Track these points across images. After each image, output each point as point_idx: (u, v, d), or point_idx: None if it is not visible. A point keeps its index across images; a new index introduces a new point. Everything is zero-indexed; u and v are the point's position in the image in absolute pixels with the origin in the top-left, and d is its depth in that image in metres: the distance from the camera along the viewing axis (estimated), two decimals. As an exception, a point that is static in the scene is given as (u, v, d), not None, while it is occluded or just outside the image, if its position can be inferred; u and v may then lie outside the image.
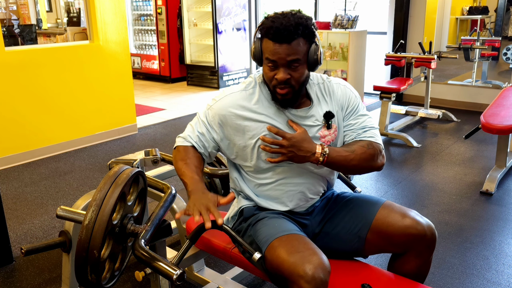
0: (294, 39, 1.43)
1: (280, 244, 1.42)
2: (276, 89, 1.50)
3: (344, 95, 1.63)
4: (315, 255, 1.35)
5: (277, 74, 1.47)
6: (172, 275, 1.27)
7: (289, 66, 1.46)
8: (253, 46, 1.54)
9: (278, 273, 1.41)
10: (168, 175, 2.37)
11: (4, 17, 5.79)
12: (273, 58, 1.45)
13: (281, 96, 1.50)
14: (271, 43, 1.44)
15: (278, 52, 1.43)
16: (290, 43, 1.43)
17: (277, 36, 1.43)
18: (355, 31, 5.92)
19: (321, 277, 1.30)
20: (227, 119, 1.57)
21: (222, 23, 7.13)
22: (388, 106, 4.55)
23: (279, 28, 1.42)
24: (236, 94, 1.59)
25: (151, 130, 5.08)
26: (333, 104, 1.61)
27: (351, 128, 1.61)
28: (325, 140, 1.58)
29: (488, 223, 2.87)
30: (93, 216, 1.27)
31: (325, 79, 1.65)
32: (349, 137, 1.61)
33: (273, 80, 1.49)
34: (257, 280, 2.31)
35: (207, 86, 7.44)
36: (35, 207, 3.21)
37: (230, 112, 1.57)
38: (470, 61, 5.94)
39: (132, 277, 2.32)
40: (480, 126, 3.24)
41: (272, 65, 1.48)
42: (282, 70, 1.46)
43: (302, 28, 1.44)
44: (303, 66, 1.48)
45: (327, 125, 1.58)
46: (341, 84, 1.65)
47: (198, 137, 1.60)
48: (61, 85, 4.29)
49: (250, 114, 1.56)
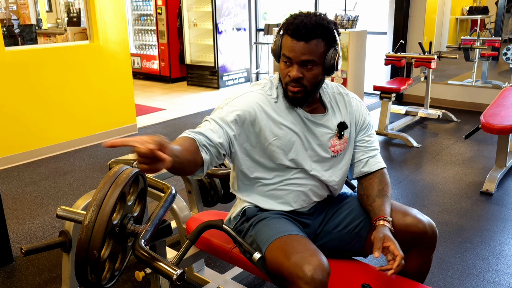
0: (312, 39, 1.43)
1: (280, 244, 1.42)
2: (288, 86, 1.50)
3: (360, 111, 1.68)
4: (315, 256, 1.35)
5: (290, 71, 1.47)
6: (172, 275, 1.27)
7: (303, 65, 1.46)
8: (273, 41, 1.55)
9: (277, 274, 1.40)
10: (168, 175, 2.37)
11: (4, 17, 5.79)
12: (289, 55, 1.46)
13: (292, 94, 1.51)
14: (290, 40, 1.45)
15: (294, 49, 1.44)
16: (307, 42, 1.43)
17: (295, 33, 1.43)
18: (355, 31, 5.92)
19: (320, 278, 1.30)
20: (248, 115, 1.52)
21: (222, 23, 7.13)
22: (388, 106, 4.55)
23: (298, 25, 1.43)
24: (255, 94, 1.56)
25: (151, 130, 5.08)
26: (348, 117, 1.64)
27: (363, 145, 1.67)
28: (334, 149, 1.61)
29: (488, 223, 2.87)
30: (93, 216, 1.27)
31: (342, 91, 1.68)
32: (359, 153, 1.67)
33: (286, 77, 1.50)
34: (257, 280, 2.30)
35: (207, 86, 7.44)
36: (35, 207, 3.21)
37: (254, 108, 1.52)
38: (470, 61, 5.94)
39: (132, 277, 2.32)
40: (480, 126, 3.24)
41: (287, 62, 1.48)
42: (296, 67, 1.46)
43: (322, 29, 1.44)
44: (318, 68, 1.48)
45: (339, 135, 1.60)
46: (357, 100, 1.70)
47: (202, 133, 1.45)
48: (61, 85, 4.29)
49: (274, 115, 1.54)
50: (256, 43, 7.68)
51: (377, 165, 1.66)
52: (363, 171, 1.66)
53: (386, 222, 1.48)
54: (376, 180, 1.63)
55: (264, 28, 7.21)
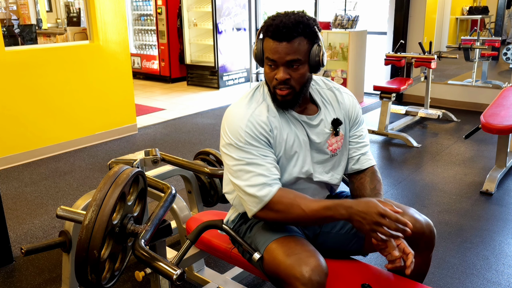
0: (294, 37, 1.39)
1: (278, 246, 1.42)
2: (276, 90, 1.46)
3: (353, 107, 1.64)
4: (313, 257, 1.34)
5: (277, 74, 1.43)
6: (172, 275, 1.27)
7: (289, 65, 1.42)
8: (254, 46, 1.50)
9: (275, 275, 1.40)
10: (168, 175, 2.37)
11: (4, 17, 5.79)
12: (273, 57, 1.42)
13: (281, 97, 1.46)
14: (271, 42, 1.41)
15: (278, 51, 1.40)
16: (289, 42, 1.39)
17: (276, 34, 1.39)
18: (355, 31, 5.93)
19: (318, 279, 1.30)
20: (265, 132, 1.47)
21: (222, 23, 7.13)
22: (388, 106, 4.55)
23: (279, 26, 1.39)
24: (243, 109, 1.49)
25: (151, 130, 5.08)
26: (341, 113, 1.61)
27: (354, 141, 1.64)
28: (332, 148, 1.58)
29: (488, 223, 2.87)
30: (93, 216, 1.27)
31: (332, 85, 1.64)
32: (350, 150, 1.64)
33: (273, 80, 1.45)
34: (257, 280, 2.30)
35: (207, 86, 7.44)
36: (35, 207, 3.21)
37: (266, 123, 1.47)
38: (470, 61, 5.94)
39: (132, 277, 2.32)
40: (480, 126, 3.24)
41: (272, 65, 1.44)
42: (282, 69, 1.42)
43: (303, 26, 1.40)
44: (304, 66, 1.44)
45: (335, 132, 1.57)
46: (349, 95, 1.66)
47: (275, 177, 1.42)
48: (61, 85, 4.29)
49: (276, 124, 1.49)
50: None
51: (368, 163, 1.64)
52: (353, 168, 1.64)
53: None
54: (368, 179, 1.61)
55: (264, 28, 7.21)
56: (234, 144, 1.44)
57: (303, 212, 1.37)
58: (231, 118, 1.49)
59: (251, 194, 1.41)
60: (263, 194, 1.40)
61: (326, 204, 1.37)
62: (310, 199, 1.41)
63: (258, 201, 1.41)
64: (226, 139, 1.47)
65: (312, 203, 1.38)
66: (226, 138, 1.47)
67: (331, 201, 1.38)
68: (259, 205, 1.41)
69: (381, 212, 1.29)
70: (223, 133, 1.49)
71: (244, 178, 1.43)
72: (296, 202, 1.39)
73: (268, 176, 1.42)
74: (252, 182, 1.41)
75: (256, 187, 1.41)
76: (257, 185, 1.41)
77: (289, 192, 1.42)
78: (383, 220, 1.29)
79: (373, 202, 1.32)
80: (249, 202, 1.43)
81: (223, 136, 1.49)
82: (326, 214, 1.37)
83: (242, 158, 1.43)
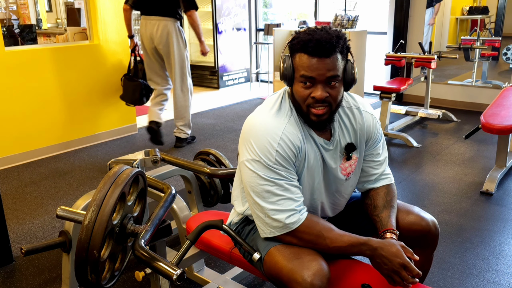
0: (333, 54, 1.33)
1: (280, 249, 1.40)
2: (312, 109, 1.37)
3: (373, 126, 1.57)
4: (315, 261, 1.33)
5: (313, 92, 1.35)
6: (172, 275, 1.27)
7: (327, 83, 1.35)
8: (282, 64, 1.39)
9: (277, 279, 1.38)
10: (168, 175, 2.37)
11: (4, 17, 5.78)
12: (312, 75, 1.33)
13: (317, 118, 1.38)
14: (309, 58, 1.33)
15: (318, 68, 1.32)
16: (329, 57, 1.32)
17: (317, 50, 1.31)
18: (355, 31, 5.92)
19: (319, 284, 1.29)
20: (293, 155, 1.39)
21: (222, 23, 7.13)
22: (388, 106, 4.55)
23: (320, 41, 1.31)
24: (273, 123, 1.39)
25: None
26: (357, 135, 1.53)
27: (372, 159, 1.60)
28: (346, 172, 1.54)
29: (488, 223, 2.87)
30: (93, 216, 1.27)
31: (353, 105, 1.55)
32: (367, 168, 1.60)
33: (308, 99, 1.36)
34: (257, 280, 2.30)
35: (207, 86, 7.44)
36: (35, 207, 3.21)
37: (287, 143, 1.38)
38: (470, 61, 5.94)
39: (132, 277, 2.32)
40: (480, 126, 3.24)
41: (307, 82, 1.35)
42: (320, 87, 1.34)
43: (342, 42, 1.35)
44: (340, 83, 1.38)
45: (347, 156, 1.52)
46: (369, 113, 1.58)
47: (291, 198, 1.37)
48: (61, 85, 4.29)
49: (300, 146, 1.41)
50: (256, 43, 7.67)
51: (386, 181, 1.61)
52: (370, 187, 1.62)
53: (394, 235, 1.45)
54: (385, 190, 1.59)
55: (264, 28, 7.21)
56: (263, 162, 1.36)
57: (326, 246, 1.38)
58: (258, 132, 1.39)
59: (277, 219, 1.37)
60: (292, 222, 1.36)
61: (351, 241, 1.36)
62: (336, 232, 1.39)
63: (283, 227, 1.37)
64: (252, 155, 1.38)
65: (338, 239, 1.37)
66: (253, 154, 1.37)
67: (357, 239, 1.37)
68: (283, 231, 1.38)
69: (405, 265, 1.31)
70: (248, 146, 1.39)
71: (271, 201, 1.37)
72: (322, 235, 1.37)
73: (297, 200, 1.37)
74: (280, 206, 1.36)
75: (285, 213, 1.36)
76: (285, 211, 1.36)
77: (316, 223, 1.38)
78: (403, 272, 1.31)
79: (399, 251, 1.33)
80: (271, 226, 1.39)
81: (248, 150, 1.39)
82: (350, 251, 1.38)
83: (271, 179, 1.36)
